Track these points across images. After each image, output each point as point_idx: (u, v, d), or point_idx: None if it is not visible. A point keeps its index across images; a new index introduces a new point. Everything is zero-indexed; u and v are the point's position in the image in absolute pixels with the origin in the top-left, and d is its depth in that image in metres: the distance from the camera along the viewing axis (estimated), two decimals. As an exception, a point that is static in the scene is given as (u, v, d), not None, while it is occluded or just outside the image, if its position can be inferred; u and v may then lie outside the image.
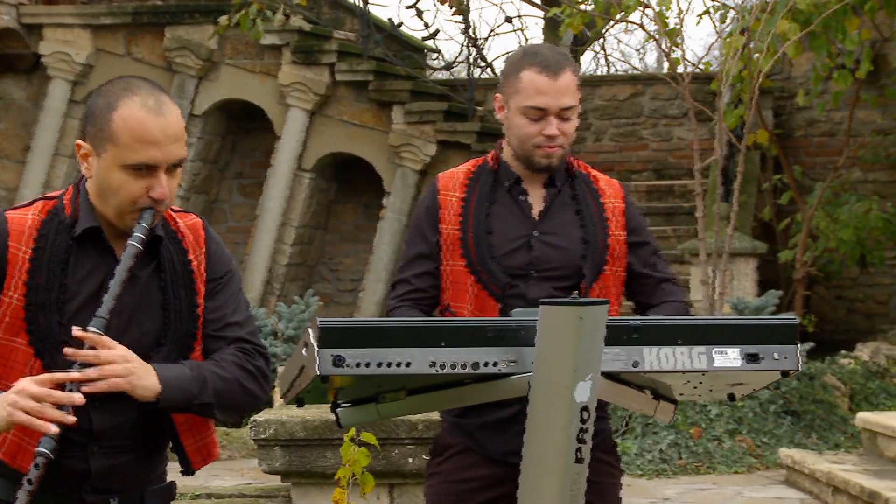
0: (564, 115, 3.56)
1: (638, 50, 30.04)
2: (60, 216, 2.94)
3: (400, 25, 14.41)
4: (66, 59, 14.08)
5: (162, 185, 2.86)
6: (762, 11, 10.11)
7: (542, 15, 16.76)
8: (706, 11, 11.20)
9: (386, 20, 14.48)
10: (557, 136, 3.56)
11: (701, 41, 35.18)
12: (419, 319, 3.47)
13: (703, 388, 3.02)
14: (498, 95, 3.66)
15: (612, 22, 11.89)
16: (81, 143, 2.92)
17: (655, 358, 2.84)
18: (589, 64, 25.16)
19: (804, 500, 8.09)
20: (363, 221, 14.39)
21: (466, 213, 3.63)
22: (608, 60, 24.24)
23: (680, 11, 10.25)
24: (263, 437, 6.20)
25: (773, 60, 10.06)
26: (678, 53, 10.48)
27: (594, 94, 14.98)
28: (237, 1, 12.78)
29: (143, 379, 2.82)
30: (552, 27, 14.57)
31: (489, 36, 19.26)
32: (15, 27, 14.12)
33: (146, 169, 2.85)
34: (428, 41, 14.54)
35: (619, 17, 10.80)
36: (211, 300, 3.01)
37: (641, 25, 10.83)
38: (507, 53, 13.81)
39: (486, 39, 18.46)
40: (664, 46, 10.50)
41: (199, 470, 3.05)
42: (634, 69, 21.91)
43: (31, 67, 14.54)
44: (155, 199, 2.87)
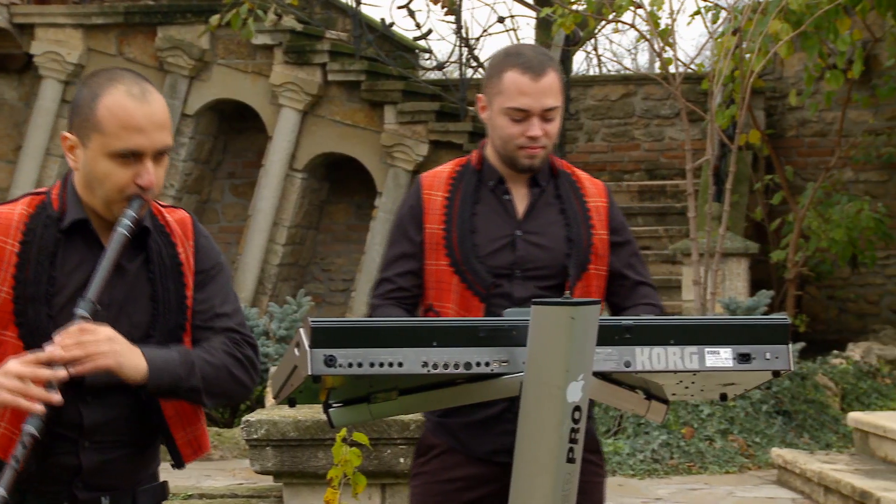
0: (547, 115, 3.55)
1: (630, 50, 30.07)
2: (48, 210, 2.95)
3: (392, 25, 14.39)
4: (57, 58, 14.06)
5: (148, 172, 2.87)
6: (754, 11, 10.12)
7: (534, 15, 16.77)
8: (698, 12, 11.22)
9: (378, 20, 14.47)
10: (540, 136, 3.55)
11: (693, 41, 35.26)
12: (411, 319, 3.46)
13: (694, 387, 3.02)
14: (481, 96, 3.65)
15: (604, 22, 11.90)
16: (67, 135, 2.94)
17: (647, 358, 2.84)
18: (581, 64, 25.20)
19: (796, 499, 8.09)
20: (355, 221, 14.38)
21: (451, 212, 3.62)
22: (600, 60, 24.30)
23: (672, 12, 10.28)
24: (255, 437, 6.20)
25: (764, 60, 10.07)
26: (670, 53, 10.50)
27: (586, 94, 14.98)
28: (228, 1, 12.77)
29: (129, 358, 2.82)
30: (544, 27, 14.56)
31: (481, 36, 19.32)
32: (6, 27, 14.09)
33: (132, 156, 2.86)
34: (420, 41, 14.52)
35: (611, 17, 10.81)
36: (199, 292, 3.01)
37: (633, 25, 10.84)
38: (499, 53, 13.78)
39: (478, 39, 18.47)
40: (656, 46, 10.51)
41: (189, 463, 3.05)
42: (626, 69, 21.94)
43: (22, 67, 14.51)
44: (142, 186, 2.87)
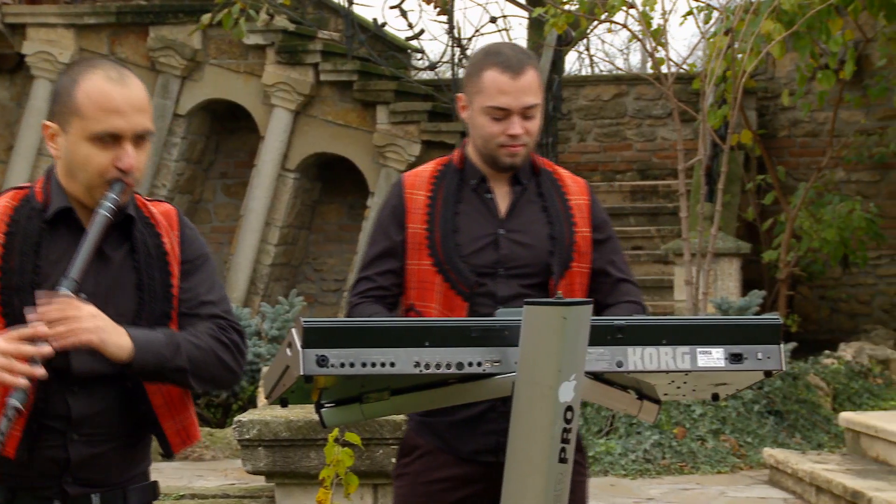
0: (527, 113, 3.56)
1: (622, 50, 30.11)
2: (32, 203, 2.98)
3: (384, 25, 14.39)
4: (49, 58, 14.04)
5: (128, 155, 2.88)
6: (746, 12, 10.12)
7: (526, 15, 16.76)
8: (690, 12, 11.21)
9: (370, 20, 14.46)
10: (521, 135, 3.56)
11: (685, 41, 35.28)
12: (403, 320, 3.46)
13: (686, 387, 3.03)
14: (461, 95, 3.65)
15: (596, 22, 11.90)
16: (49, 123, 2.95)
17: (639, 358, 2.84)
18: (573, 64, 25.19)
19: (787, 499, 8.10)
20: (347, 221, 14.37)
21: (433, 212, 3.61)
22: (592, 61, 24.29)
23: (664, 12, 10.28)
24: (247, 437, 6.19)
25: (756, 61, 10.07)
26: (662, 54, 10.50)
27: (578, 94, 14.98)
28: (220, 0, 12.75)
29: (113, 336, 2.82)
30: (536, 27, 14.57)
31: (473, 36, 19.21)
32: (-2, 27, 14.10)
33: (112, 139, 2.88)
34: (412, 41, 14.51)
35: (603, 17, 10.81)
36: (185, 281, 3.02)
37: (626, 26, 10.86)
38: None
39: (470, 39, 18.42)
40: (648, 47, 10.51)
41: (179, 452, 3.06)
42: (619, 69, 21.93)
43: (14, 67, 14.49)
44: (122, 169, 2.89)
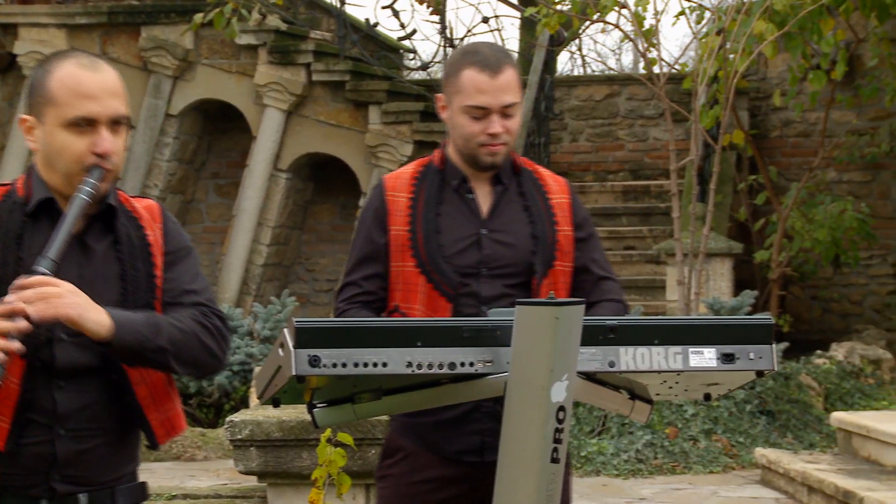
0: (507, 112, 3.55)
1: (614, 50, 30.16)
2: (14, 197, 2.98)
3: (376, 25, 14.39)
4: (41, 58, 13.99)
5: (105, 139, 2.90)
6: (738, 12, 10.13)
7: (518, 15, 16.78)
8: (682, 12, 11.22)
9: (362, 20, 14.46)
10: (501, 133, 3.55)
11: (677, 42, 35.30)
12: (396, 320, 3.46)
13: (678, 387, 3.03)
14: (440, 95, 3.65)
15: (588, 22, 11.90)
16: (25, 116, 2.97)
17: (631, 358, 2.84)
18: (565, 64, 25.20)
19: (779, 499, 8.11)
20: (340, 221, 14.37)
21: (415, 213, 3.61)
22: (584, 61, 24.30)
23: (656, 12, 10.26)
24: (239, 437, 6.19)
25: (748, 61, 10.08)
26: (654, 54, 10.51)
27: (570, 94, 14.99)
28: (212, 0, 12.74)
29: (92, 312, 2.82)
30: (528, 27, 14.58)
31: (465, 36, 19.20)
32: (-10, 27, 14.07)
33: (87, 124, 2.89)
34: (404, 41, 14.52)
35: (595, 17, 10.81)
36: (168, 271, 3.03)
37: (618, 26, 10.85)
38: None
39: (462, 39, 18.37)
40: (640, 47, 10.52)
41: (164, 444, 3.06)
42: (611, 69, 21.96)
43: (6, 67, 14.48)
44: (99, 154, 2.90)
